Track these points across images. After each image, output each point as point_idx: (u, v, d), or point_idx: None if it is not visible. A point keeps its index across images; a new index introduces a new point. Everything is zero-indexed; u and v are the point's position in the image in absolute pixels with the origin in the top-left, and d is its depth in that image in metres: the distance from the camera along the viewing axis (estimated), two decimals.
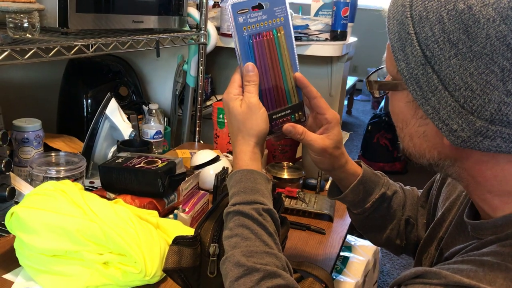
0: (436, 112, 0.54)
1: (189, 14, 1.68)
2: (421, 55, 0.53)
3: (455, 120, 0.53)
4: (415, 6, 0.54)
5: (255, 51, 0.77)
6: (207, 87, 2.00)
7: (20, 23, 0.97)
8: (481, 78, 0.50)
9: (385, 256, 2.67)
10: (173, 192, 1.13)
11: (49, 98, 1.62)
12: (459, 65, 0.51)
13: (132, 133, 1.33)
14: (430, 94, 0.54)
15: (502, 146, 0.52)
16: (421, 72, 0.54)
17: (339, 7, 1.83)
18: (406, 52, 0.55)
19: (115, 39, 1.23)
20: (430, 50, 0.52)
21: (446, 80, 0.52)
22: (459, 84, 0.51)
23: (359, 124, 5.39)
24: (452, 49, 0.51)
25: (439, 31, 0.51)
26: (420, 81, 0.54)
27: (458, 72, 0.51)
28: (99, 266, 0.82)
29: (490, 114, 0.50)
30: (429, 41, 0.52)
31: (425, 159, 0.62)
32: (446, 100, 0.53)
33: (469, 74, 0.50)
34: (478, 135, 0.52)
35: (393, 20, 0.57)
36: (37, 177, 1.10)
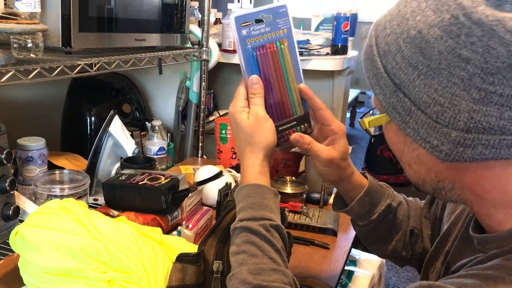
0: (416, 132, 0.57)
1: (191, 31, 1.70)
2: (392, 84, 0.57)
3: (434, 136, 0.55)
4: (379, 43, 0.59)
5: (259, 63, 0.77)
6: (210, 103, 2.01)
7: (24, 44, 0.98)
8: (446, 91, 0.53)
9: (391, 270, 2.64)
10: (177, 209, 1.13)
11: (53, 116, 1.63)
12: (423, 84, 0.54)
13: (136, 150, 1.34)
14: (408, 117, 0.57)
15: (486, 153, 0.53)
16: (395, 99, 0.57)
17: (340, 22, 1.84)
18: (380, 85, 0.59)
19: (118, 57, 1.25)
20: (397, 77, 0.56)
21: (417, 101, 0.55)
22: (428, 101, 0.54)
23: (362, 137, 5.39)
24: (414, 72, 0.55)
25: (400, 58, 0.56)
26: (397, 108, 0.57)
27: (424, 90, 0.54)
28: (103, 284, 0.82)
29: (464, 123, 0.53)
30: (394, 69, 0.56)
31: (427, 185, 0.63)
32: (421, 119, 0.55)
33: (434, 90, 0.53)
34: (458, 146, 0.54)
35: (366, 60, 0.62)
36: (41, 195, 1.10)
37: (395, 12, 0.58)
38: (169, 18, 1.50)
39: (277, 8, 0.78)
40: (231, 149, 1.54)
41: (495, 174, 0.56)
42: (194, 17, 1.86)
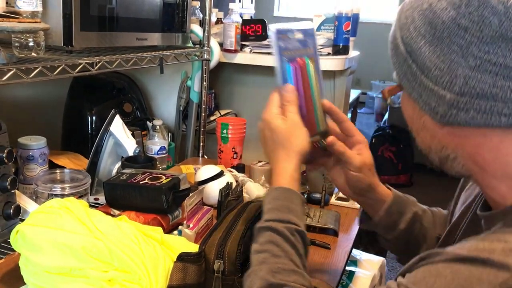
0: (420, 96, 0.62)
1: (192, 30, 1.70)
2: (405, 52, 0.63)
3: (432, 98, 0.61)
4: (400, 18, 0.65)
5: (292, 75, 0.82)
6: (211, 103, 2.01)
7: (26, 42, 0.98)
8: (446, 58, 0.58)
9: (391, 270, 2.64)
10: (178, 208, 1.13)
11: (54, 115, 1.63)
12: (428, 51, 0.60)
13: (137, 149, 1.34)
14: (414, 83, 0.63)
15: (477, 118, 0.58)
16: (406, 67, 0.64)
17: (341, 22, 1.84)
18: (397, 54, 0.65)
19: (119, 56, 1.25)
20: (409, 46, 0.62)
21: (421, 66, 0.61)
22: (430, 66, 0.60)
23: None
24: (422, 40, 0.61)
25: (413, 29, 0.62)
26: (407, 74, 0.64)
27: (428, 56, 0.60)
28: (104, 283, 0.82)
29: (459, 87, 0.58)
30: (408, 39, 0.63)
31: (433, 153, 0.66)
32: (424, 83, 0.61)
33: (436, 56, 0.59)
34: (451, 108, 0.59)
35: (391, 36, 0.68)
36: (42, 194, 1.10)
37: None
38: (171, 17, 1.50)
39: (307, 30, 0.86)
40: (232, 149, 1.54)
41: (493, 145, 0.59)
42: (195, 16, 1.86)
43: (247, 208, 0.89)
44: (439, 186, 4.40)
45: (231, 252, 0.77)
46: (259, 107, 2.38)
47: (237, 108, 2.17)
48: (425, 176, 4.04)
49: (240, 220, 0.85)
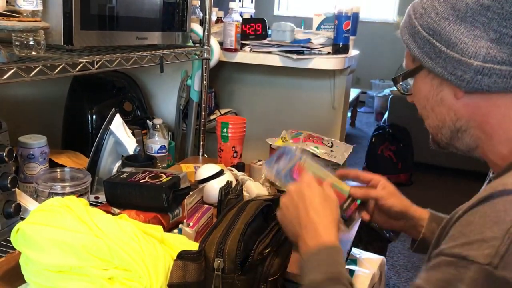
0: (444, 68, 0.71)
1: (193, 30, 1.70)
2: (426, 35, 0.73)
3: (459, 68, 0.70)
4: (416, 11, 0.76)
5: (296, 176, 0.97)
6: (211, 102, 2.01)
7: (26, 41, 0.98)
8: (470, 34, 0.69)
9: (391, 269, 2.65)
10: (178, 207, 1.13)
11: (54, 114, 1.63)
12: (453, 29, 0.70)
13: (137, 148, 1.34)
14: (438, 58, 0.72)
15: (499, 82, 0.68)
16: (428, 47, 0.73)
17: (341, 21, 1.84)
18: (416, 40, 0.75)
19: (119, 55, 1.25)
20: (431, 29, 0.72)
21: (446, 42, 0.71)
22: (455, 41, 0.70)
23: (363, 136, 5.39)
24: (446, 21, 0.71)
25: (435, 15, 0.72)
26: (430, 54, 0.73)
27: (453, 34, 0.70)
28: (104, 281, 0.82)
29: (483, 57, 0.68)
30: (430, 24, 0.73)
31: (446, 128, 0.76)
32: (449, 56, 0.70)
33: (461, 33, 0.69)
34: (477, 74, 0.68)
35: (404, 29, 0.79)
36: (42, 193, 1.10)
37: None
38: (171, 16, 1.50)
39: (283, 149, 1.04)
40: (232, 148, 1.54)
41: (501, 113, 0.70)
42: (195, 15, 1.86)
43: (246, 207, 0.90)
44: (439, 185, 4.40)
45: (231, 250, 0.78)
46: (259, 106, 2.40)
47: (237, 107, 2.17)
48: (425, 175, 4.05)
49: (240, 219, 0.85)
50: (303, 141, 1.44)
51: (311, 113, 2.07)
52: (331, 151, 1.40)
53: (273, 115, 2.13)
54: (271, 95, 2.13)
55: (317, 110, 2.06)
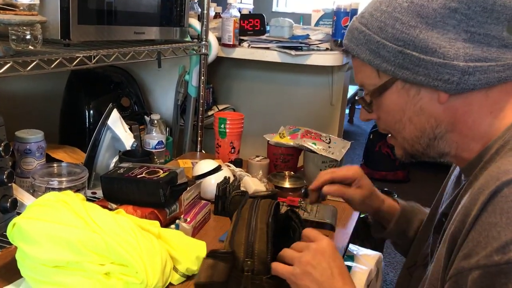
0: (427, 76, 0.70)
1: (191, 25, 1.69)
2: (396, 47, 0.71)
3: (444, 72, 0.69)
4: (370, 26, 0.74)
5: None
6: (209, 97, 2.01)
7: (23, 35, 0.97)
8: (444, 37, 0.68)
9: (388, 266, 2.65)
10: (175, 202, 1.13)
11: (51, 109, 1.63)
12: (426, 36, 0.69)
13: (134, 144, 1.34)
14: (417, 67, 0.70)
15: (481, 79, 0.68)
16: (401, 58, 0.71)
17: (340, 17, 1.84)
18: (382, 55, 0.73)
19: (116, 50, 1.24)
20: (401, 40, 0.70)
21: (424, 49, 0.69)
22: (434, 47, 0.69)
23: (360, 133, 5.39)
24: (416, 30, 0.69)
25: (400, 25, 0.70)
26: (405, 64, 0.71)
27: (429, 40, 0.69)
28: (101, 276, 0.82)
29: (463, 57, 0.68)
30: (396, 35, 0.71)
31: (425, 136, 0.75)
32: (431, 62, 0.69)
33: (436, 38, 0.69)
34: (464, 74, 0.68)
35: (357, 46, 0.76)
36: (39, 188, 1.10)
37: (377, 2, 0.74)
38: (169, 11, 1.50)
39: None
40: (230, 144, 1.54)
41: (473, 110, 0.71)
42: (193, 11, 1.85)
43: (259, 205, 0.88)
44: (436, 182, 4.39)
45: (261, 252, 0.76)
46: (257, 102, 2.39)
47: (235, 103, 2.17)
48: (422, 172, 4.05)
49: (258, 218, 0.83)
50: (300, 137, 1.44)
51: (309, 109, 2.07)
52: (329, 147, 1.40)
53: (271, 111, 2.13)
54: (269, 91, 2.13)
55: (315, 106, 2.06)
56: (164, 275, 0.84)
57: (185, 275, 0.91)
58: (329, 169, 1.06)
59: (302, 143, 1.41)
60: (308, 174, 1.42)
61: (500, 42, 0.68)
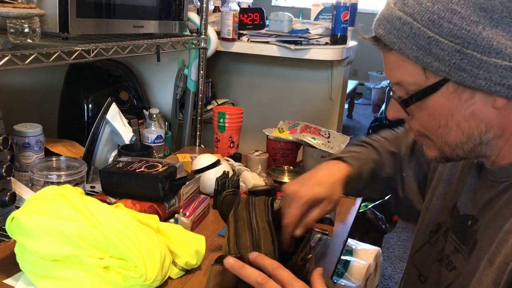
0: (488, 80, 0.62)
1: (190, 18, 1.68)
2: (453, 45, 0.62)
3: (510, 76, 0.61)
4: (418, 17, 0.63)
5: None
6: (208, 92, 2.00)
7: (21, 29, 0.97)
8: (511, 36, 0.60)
9: (387, 260, 2.66)
10: (174, 197, 1.13)
11: (50, 103, 1.62)
12: (491, 34, 0.60)
13: (133, 138, 1.33)
14: (477, 69, 0.62)
15: None
16: (459, 58, 0.62)
17: (339, 11, 1.83)
18: (433, 52, 0.63)
19: (115, 44, 1.24)
20: (459, 36, 0.61)
21: (487, 50, 0.60)
22: (499, 47, 0.60)
23: (360, 128, 5.39)
24: (478, 26, 0.60)
25: (459, 20, 0.61)
26: (462, 65, 0.62)
27: (493, 39, 0.60)
28: (100, 270, 0.82)
29: None
30: (454, 31, 0.61)
31: (471, 142, 0.67)
32: (494, 65, 0.61)
33: (502, 36, 0.60)
34: None
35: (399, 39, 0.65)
36: (38, 182, 1.10)
37: None
38: (168, 5, 1.49)
39: None
40: (229, 138, 1.54)
41: None
42: (193, 4, 1.84)
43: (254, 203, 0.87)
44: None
45: (268, 253, 0.74)
46: (256, 97, 2.39)
47: (234, 97, 2.17)
48: None
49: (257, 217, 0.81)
50: (300, 132, 1.43)
51: (308, 104, 2.06)
52: (328, 142, 1.40)
53: (270, 105, 2.12)
54: (268, 85, 2.12)
55: (314, 101, 2.06)
56: (163, 269, 0.84)
57: (184, 269, 0.91)
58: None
59: (302, 138, 1.41)
60: (307, 168, 1.42)
61: None
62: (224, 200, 1.02)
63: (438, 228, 0.83)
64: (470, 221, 0.73)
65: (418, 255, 0.87)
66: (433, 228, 0.84)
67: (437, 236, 0.83)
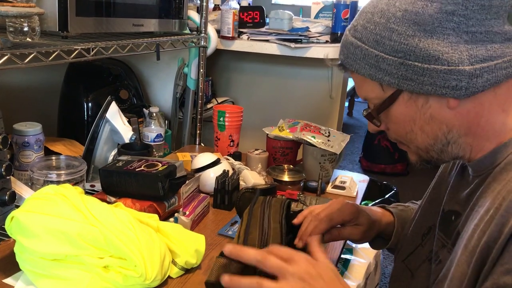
0: (433, 85, 0.67)
1: (190, 17, 1.68)
2: (396, 59, 0.68)
3: (451, 79, 0.66)
4: (365, 39, 0.71)
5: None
6: (208, 90, 2.00)
7: (20, 27, 0.97)
8: (446, 42, 0.66)
9: (387, 259, 2.66)
10: (174, 195, 1.13)
11: (50, 101, 1.62)
12: (426, 44, 0.66)
13: (133, 137, 1.33)
14: (421, 77, 0.68)
15: (490, 79, 0.66)
16: (404, 70, 0.68)
17: (339, 9, 1.83)
18: (382, 68, 0.70)
19: (115, 42, 1.24)
20: (400, 51, 0.68)
21: (426, 58, 0.66)
22: (436, 55, 0.66)
23: (360, 126, 5.39)
24: (414, 39, 0.67)
25: (397, 36, 0.68)
26: (408, 75, 0.68)
27: (430, 48, 0.66)
28: (100, 270, 0.82)
29: (468, 60, 0.65)
30: (395, 47, 0.68)
31: (438, 143, 0.73)
32: (436, 71, 0.66)
33: (437, 44, 0.66)
34: (472, 78, 0.66)
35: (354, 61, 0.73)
36: (37, 181, 1.10)
37: (369, 14, 0.71)
38: (167, 3, 1.49)
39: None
40: (229, 137, 1.54)
41: (485, 110, 0.69)
42: (192, 3, 1.84)
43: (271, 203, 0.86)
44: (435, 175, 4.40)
45: None
46: (256, 95, 2.38)
47: (234, 96, 2.16)
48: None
49: (270, 217, 0.81)
50: (300, 131, 1.43)
51: (308, 102, 2.06)
52: (328, 140, 1.40)
53: (270, 104, 2.12)
54: (268, 84, 2.12)
55: (314, 100, 2.05)
56: (162, 268, 0.84)
57: (184, 269, 0.91)
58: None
59: (302, 137, 1.41)
60: (307, 167, 1.42)
61: (503, 37, 0.66)
62: (242, 197, 1.02)
63: (429, 230, 0.86)
64: (453, 216, 0.77)
65: (411, 258, 0.88)
66: (425, 231, 0.87)
67: (428, 237, 0.85)
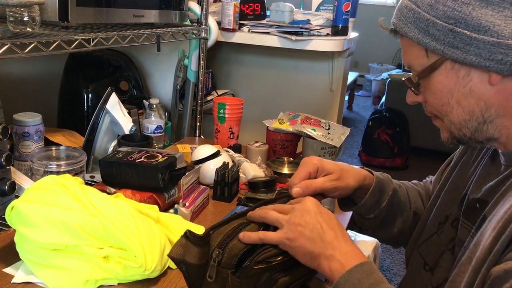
0: (479, 56, 0.67)
1: (190, 8, 1.68)
2: (446, 25, 0.69)
3: (497, 52, 0.66)
4: (420, 3, 0.71)
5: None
6: (208, 82, 2.00)
7: (20, 17, 0.96)
8: (500, 15, 0.66)
9: (385, 252, 2.67)
10: (174, 187, 1.13)
11: (50, 92, 1.62)
12: (480, 14, 0.66)
13: (133, 128, 1.33)
14: (468, 46, 0.68)
15: None
16: (451, 37, 0.68)
17: (341, 2, 1.82)
18: (431, 33, 0.70)
19: (115, 33, 1.23)
20: (451, 18, 0.68)
21: (476, 28, 0.67)
22: (488, 26, 0.66)
23: (360, 120, 5.39)
24: (469, 7, 0.67)
25: (452, 2, 0.68)
26: (455, 43, 0.69)
27: (483, 18, 0.66)
28: (99, 260, 0.82)
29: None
30: (447, 13, 0.68)
31: (473, 120, 0.72)
32: (484, 41, 0.66)
33: (490, 15, 0.66)
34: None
35: (405, 24, 0.73)
36: (37, 171, 1.10)
37: None
38: None
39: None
40: (229, 129, 1.54)
41: None
42: None
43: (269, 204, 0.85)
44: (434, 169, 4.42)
45: (235, 248, 0.73)
46: (256, 88, 2.38)
47: (235, 88, 2.16)
48: (421, 159, 4.06)
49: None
50: (300, 123, 1.43)
51: (308, 95, 2.06)
52: (328, 133, 1.40)
53: (270, 96, 2.12)
54: (268, 76, 2.12)
55: (314, 93, 2.05)
56: (162, 259, 0.85)
57: None
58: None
59: (302, 129, 1.41)
60: None
61: None
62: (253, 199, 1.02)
63: (446, 219, 0.85)
64: (478, 204, 0.76)
65: (424, 245, 0.88)
66: (442, 220, 0.86)
67: (444, 227, 0.84)
